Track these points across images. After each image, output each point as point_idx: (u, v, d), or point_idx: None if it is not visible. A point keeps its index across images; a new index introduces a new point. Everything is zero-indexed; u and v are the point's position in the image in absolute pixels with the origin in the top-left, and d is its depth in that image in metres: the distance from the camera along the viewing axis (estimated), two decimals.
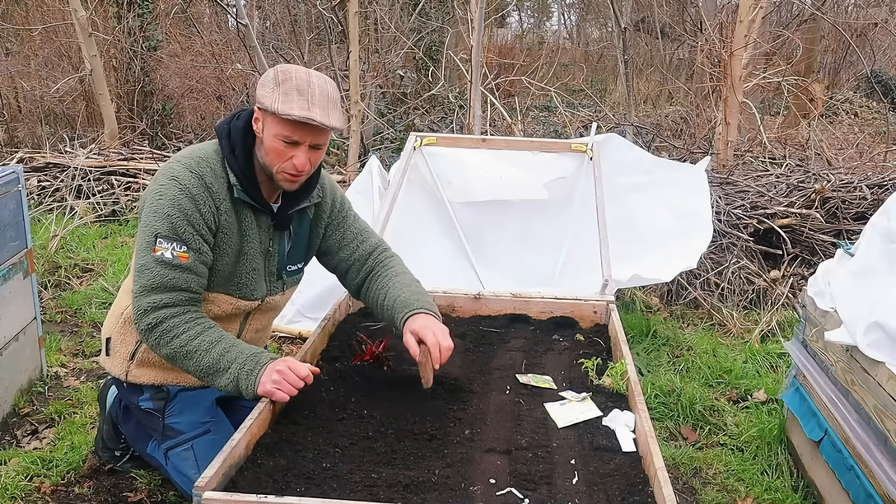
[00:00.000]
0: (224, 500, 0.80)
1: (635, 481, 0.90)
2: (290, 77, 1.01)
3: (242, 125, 1.07)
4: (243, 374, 1.01)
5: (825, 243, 2.58)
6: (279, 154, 1.03)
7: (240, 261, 1.10)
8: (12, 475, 1.35)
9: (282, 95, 1.00)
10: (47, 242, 2.62)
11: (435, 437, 0.99)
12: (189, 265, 1.02)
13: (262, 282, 1.15)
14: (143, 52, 4.55)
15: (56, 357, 1.89)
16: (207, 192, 1.04)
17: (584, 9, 10.17)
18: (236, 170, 1.06)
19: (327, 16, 4.13)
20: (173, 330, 1.02)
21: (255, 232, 1.11)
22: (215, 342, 1.03)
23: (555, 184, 2.13)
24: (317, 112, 1.00)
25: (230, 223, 1.07)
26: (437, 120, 4.72)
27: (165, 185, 1.03)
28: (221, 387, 1.04)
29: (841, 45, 5.84)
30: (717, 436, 1.63)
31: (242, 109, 1.11)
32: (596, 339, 1.34)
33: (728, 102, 3.30)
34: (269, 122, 1.03)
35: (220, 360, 1.02)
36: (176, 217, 1.01)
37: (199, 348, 1.02)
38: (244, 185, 1.06)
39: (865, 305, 1.17)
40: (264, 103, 1.01)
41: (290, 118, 0.99)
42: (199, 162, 1.05)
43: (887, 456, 1.07)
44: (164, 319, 1.02)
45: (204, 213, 1.03)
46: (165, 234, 1.01)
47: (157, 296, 1.01)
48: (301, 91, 1.00)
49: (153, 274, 1.01)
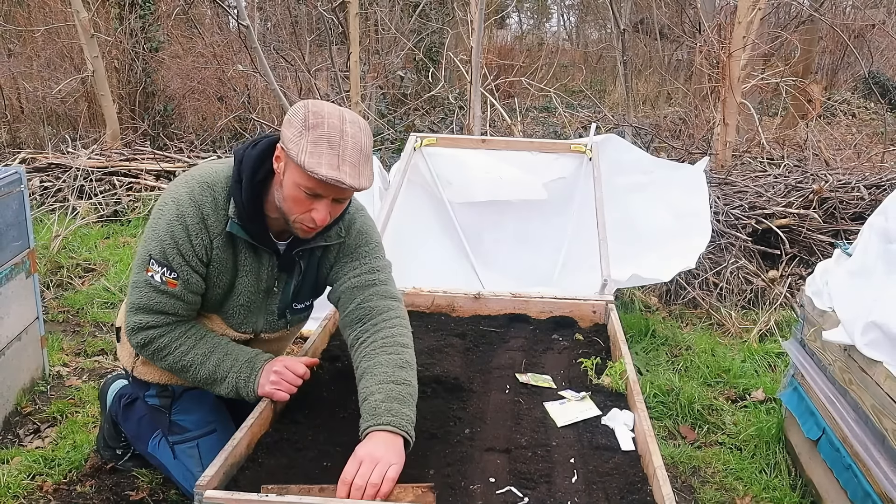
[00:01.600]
0: (225, 499, 0.81)
1: (634, 480, 0.91)
2: (322, 122, 0.90)
3: (256, 154, 0.99)
4: (241, 383, 1.02)
5: (823, 243, 2.58)
6: (298, 203, 0.94)
7: (230, 297, 1.05)
8: (15, 474, 1.36)
9: (310, 145, 0.89)
10: (49, 242, 2.63)
11: (435, 436, 0.99)
12: (176, 292, 1.01)
13: (259, 318, 1.10)
14: (144, 53, 4.55)
15: (58, 356, 1.90)
16: (202, 224, 0.99)
17: (583, 10, 10.19)
18: (238, 202, 0.98)
19: (328, 17, 4.13)
20: (165, 348, 1.02)
21: (254, 269, 1.04)
22: (209, 354, 1.03)
23: (554, 184, 2.13)
24: (346, 172, 0.89)
25: (223, 258, 1.01)
26: (437, 121, 4.72)
27: (167, 206, 1.00)
28: (221, 394, 1.05)
29: (839, 47, 5.86)
30: (716, 435, 1.64)
31: (264, 136, 1.02)
32: (595, 339, 1.35)
33: (726, 103, 3.31)
34: (291, 168, 0.92)
35: (217, 371, 1.02)
36: (167, 244, 0.99)
37: (194, 362, 1.02)
38: (243, 220, 0.99)
39: (863, 305, 1.17)
40: (289, 148, 0.90)
41: (316, 175, 0.88)
42: (203, 189, 0.99)
43: (885, 455, 1.07)
44: (153, 339, 1.02)
45: (195, 244, 0.99)
46: (157, 258, 1.00)
47: (143, 316, 1.01)
48: (332, 143, 0.89)
49: (141, 294, 1.02)
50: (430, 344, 1.29)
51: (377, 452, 0.86)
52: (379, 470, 0.84)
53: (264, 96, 4.59)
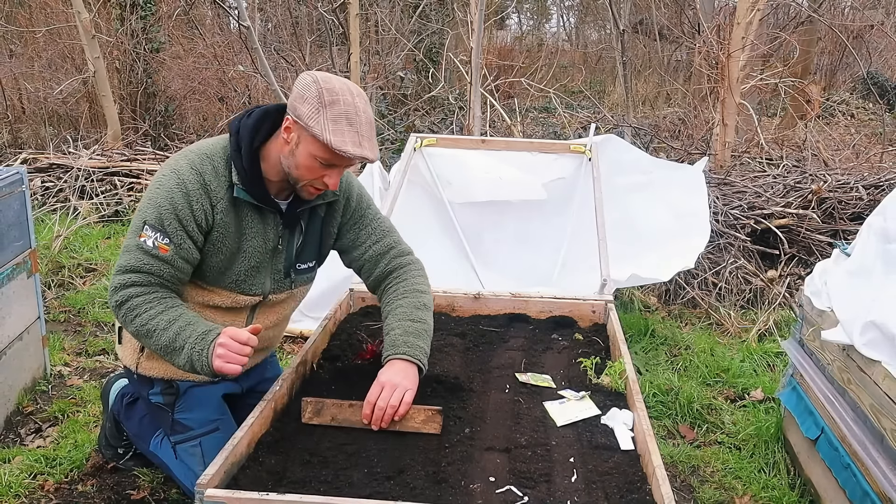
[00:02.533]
0: (226, 498, 0.81)
1: (633, 479, 0.91)
2: (338, 100, 0.97)
3: (252, 124, 1.06)
4: (195, 355, 1.00)
5: (822, 243, 2.59)
6: (312, 171, 1.02)
7: (237, 258, 1.09)
8: (16, 473, 1.36)
9: (331, 123, 0.97)
10: (51, 242, 2.64)
11: (435, 436, 1.00)
12: (167, 257, 1.03)
13: (266, 279, 1.13)
14: (145, 54, 4.56)
15: (59, 356, 1.90)
16: (204, 189, 1.03)
17: (582, 11, 10.21)
18: (239, 168, 1.05)
19: (328, 18, 4.14)
20: (136, 308, 1.02)
21: (260, 230, 1.09)
22: (173, 321, 1.02)
23: (554, 184, 2.14)
24: (367, 147, 0.99)
25: (226, 222, 1.06)
26: (437, 121, 4.73)
27: (166, 177, 1.04)
28: (180, 366, 1.02)
29: (837, 47, 5.87)
30: (715, 434, 1.64)
31: (256, 107, 1.10)
32: (594, 339, 1.35)
33: (725, 104, 3.32)
34: (308, 141, 1.00)
35: (176, 339, 1.01)
36: (165, 209, 1.02)
37: (158, 327, 1.01)
38: (245, 184, 1.05)
39: (862, 305, 1.18)
40: (309, 125, 0.97)
41: (343, 152, 0.97)
42: (202, 159, 1.05)
43: (883, 454, 1.08)
44: (129, 297, 1.02)
45: (195, 210, 1.02)
46: (152, 223, 1.02)
47: (128, 275, 1.02)
48: (351, 120, 0.98)
49: (131, 256, 1.03)
50: (431, 343, 1.29)
51: (396, 379, 1.02)
52: (398, 394, 1.00)
53: (265, 97, 4.60)
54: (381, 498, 0.84)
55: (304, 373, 1.17)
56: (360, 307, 1.49)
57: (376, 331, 1.33)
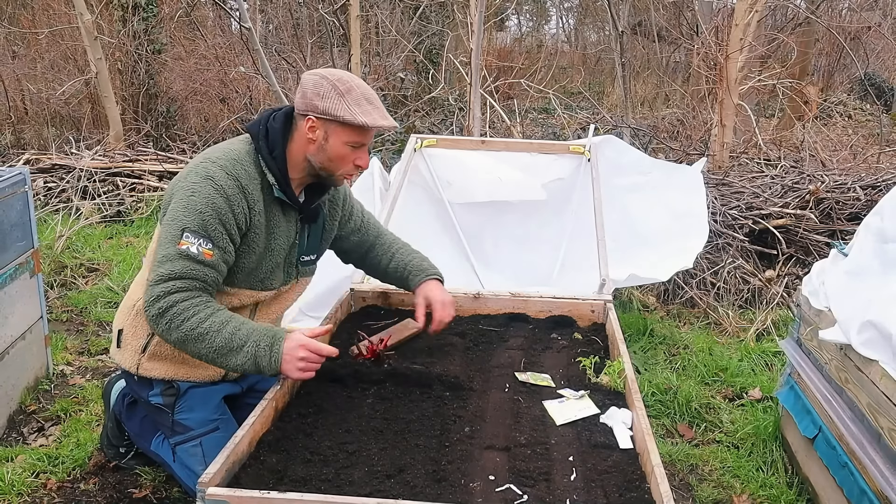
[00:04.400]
0: (227, 496, 0.81)
1: (632, 478, 0.91)
2: (352, 87, 1.07)
3: (279, 126, 1.10)
4: (261, 351, 1.02)
5: (819, 243, 2.60)
6: (345, 158, 1.10)
7: (266, 257, 1.13)
8: (19, 472, 1.37)
9: (355, 106, 1.06)
10: (53, 242, 2.64)
11: (435, 434, 1.00)
12: (212, 262, 1.05)
13: (281, 272, 1.18)
14: (147, 55, 4.58)
15: (62, 355, 1.91)
16: (242, 194, 1.06)
17: (581, 12, 10.23)
18: (275, 171, 1.09)
19: (329, 19, 4.16)
20: (183, 313, 1.02)
21: (284, 227, 1.15)
22: (226, 322, 1.03)
23: (553, 185, 2.14)
24: (390, 119, 1.09)
25: (261, 223, 1.10)
26: (437, 122, 4.75)
27: (199, 184, 1.05)
28: (237, 365, 1.03)
29: (835, 49, 5.89)
30: (713, 433, 1.65)
31: (275, 110, 1.14)
32: (594, 338, 1.36)
33: (724, 105, 3.33)
34: (338, 131, 1.07)
35: (233, 338, 1.02)
36: (208, 215, 1.03)
37: (211, 329, 1.02)
38: (282, 185, 1.10)
39: (859, 304, 1.18)
40: (336, 115, 1.05)
41: (377, 127, 1.07)
42: (234, 164, 1.08)
43: (881, 453, 1.08)
44: (174, 304, 1.02)
45: (237, 213, 1.06)
46: (194, 229, 1.03)
47: (171, 283, 1.02)
48: (369, 99, 1.08)
49: (173, 265, 1.03)
50: (430, 343, 1.30)
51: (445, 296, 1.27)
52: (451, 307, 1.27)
53: (266, 98, 4.61)
54: (381, 496, 0.84)
55: None
56: (360, 307, 1.50)
57: (376, 330, 1.34)
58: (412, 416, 1.05)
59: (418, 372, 1.16)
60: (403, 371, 1.16)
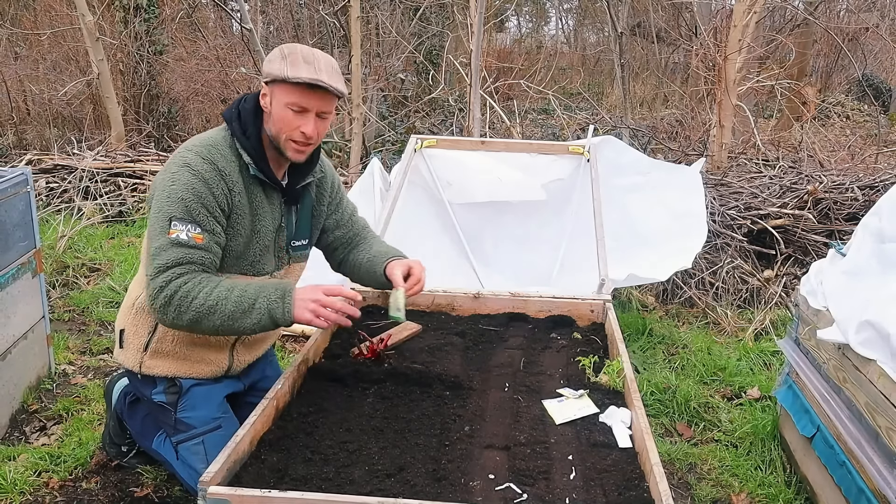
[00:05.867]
0: (228, 495, 0.82)
1: (631, 477, 0.92)
2: (296, 50, 1.07)
3: (251, 107, 1.11)
4: (273, 304, 1.04)
5: (817, 243, 2.61)
6: (288, 122, 1.07)
7: (252, 239, 1.13)
8: (21, 471, 1.37)
9: (290, 65, 1.05)
10: (55, 243, 2.65)
11: (435, 434, 1.01)
12: (204, 245, 1.05)
13: (272, 257, 1.18)
14: (149, 56, 4.59)
15: (64, 355, 1.91)
16: (220, 175, 1.07)
17: (581, 14, 10.25)
18: (249, 149, 1.10)
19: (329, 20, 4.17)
20: (189, 294, 1.02)
21: (268, 209, 1.14)
22: (231, 288, 1.04)
23: (553, 185, 2.15)
24: (324, 76, 1.05)
25: (243, 204, 1.10)
26: (437, 122, 4.76)
27: (178, 172, 1.06)
28: (254, 324, 1.04)
29: (833, 50, 5.91)
30: (712, 432, 1.65)
31: (247, 94, 1.16)
32: (593, 338, 1.36)
33: (722, 105, 3.34)
34: (277, 92, 1.07)
35: (242, 300, 1.03)
36: (190, 200, 1.04)
37: (220, 298, 1.03)
38: (258, 163, 1.10)
39: (857, 304, 1.19)
40: (273, 73, 1.06)
41: (299, 80, 1.04)
42: (209, 149, 1.09)
43: (878, 452, 1.08)
44: (178, 288, 1.02)
45: (217, 195, 1.06)
46: (180, 216, 1.04)
47: (170, 271, 1.03)
48: (307, 60, 1.06)
49: (168, 254, 1.03)
50: (430, 342, 1.30)
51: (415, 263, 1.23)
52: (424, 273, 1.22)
53: None
54: (381, 495, 0.85)
55: (305, 371, 1.18)
56: (359, 307, 1.50)
57: (376, 330, 1.35)
58: (412, 416, 1.05)
59: (418, 371, 1.16)
60: (403, 370, 1.17)
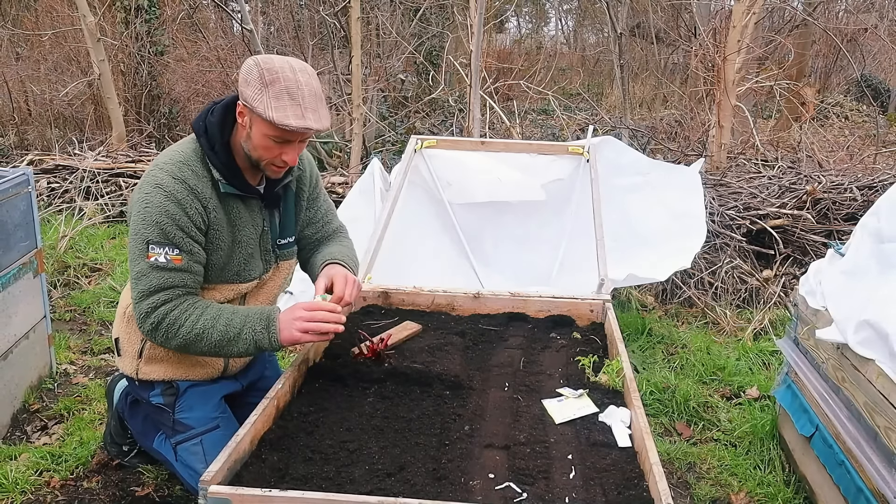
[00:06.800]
0: (229, 494, 0.82)
1: (631, 476, 0.92)
2: (277, 78, 1.00)
3: (217, 120, 1.08)
4: (259, 335, 1.05)
5: (816, 243, 2.61)
6: (269, 150, 1.05)
7: (235, 250, 1.13)
8: (22, 470, 1.38)
9: (273, 101, 0.99)
10: (56, 243, 2.66)
11: (435, 433, 1.01)
12: (183, 266, 1.05)
13: (259, 261, 1.18)
14: (150, 57, 4.60)
15: (65, 354, 1.92)
16: (192, 194, 1.06)
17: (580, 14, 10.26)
18: (219, 165, 1.08)
19: (330, 21, 4.17)
20: (176, 322, 1.04)
21: (248, 218, 1.14)
22: (217, 317, 1.05)
23: (552, 185, 2.15)
24: (311, 118, 1.01)
25: (219, 218, 1.09)
26: (437, 123, 4.76)
27: (151, 194, 1.05)
28: (242, 352, 1.06)
29: (832, 50, 5.92)
30: (711, 432, 1.66)
31: (214, 103, 1.12)
32: (592, 337, 1.36)
33: (721, 106, 3.34)
34: (258, 122, 1.03)
35: (228, 329, 1.05)
36: (165, 223, 1.04)
37: (205, 328, 1.04)
38: (228, 178, 1.09)
39: (856, 304, 1.19)
40: (255, 107, 1.00)
41: (287, 128, 1.00)
42: (180, 167, 1.07)
43: (877, 451, 1.09)
44: (164, 315, 1.04)
45: (192, 215, 1.05)
46: (157, 240, 1.04)
47: (155, 296, 1.04)
48: (292, 94, 1.00)
49: (150, 279, 1.04)
50: (431, 342, 1.30)
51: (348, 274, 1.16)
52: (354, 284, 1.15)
53: None
54: (382, 494, 0.85)
55: (305, 371, 1.19)
56: (360, 307, 1.51)
57: (377, 330, 1.35)
58: (412, 415, 1.05)
59: (418, 371, 1.16)
60: (404, 370, 1.17)
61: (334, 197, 3.32)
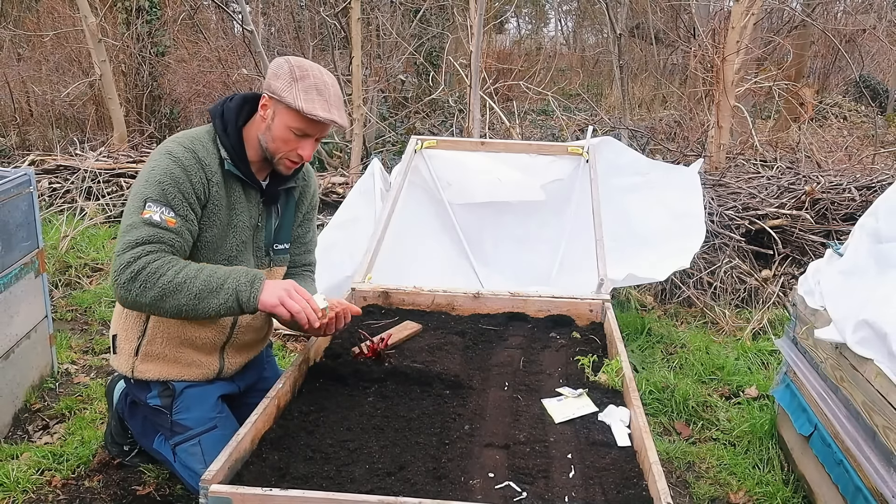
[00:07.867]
0: (230, 493, 0.82)
1: (630, 475, 0.92)
2: (308, 75, 1.08)
3: (235, 106, 1.14)
4: (242, 286, 1.03)
5: (815, 243, 2.62)
6: (287, 143, 1.10)
7: (229, 233, 1.14)
8: (24, 469, 1.38)
9: (303, 93, 1.06)
10: (58, 243, 2.66)
11: (435, 432, 1.01)
12: (176, 229, 1.05)
13: (250, 255, 1.19)
14: (151, 58, 4.61)
15: (66, 354, 1.92)
16: (199, 164, 1.08)
17: (580, 15, 10.27)
18: (227, 146, 1.12)
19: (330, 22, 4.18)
20: (157, 271, 1.01)
21: (245, 206, 1.16)
22: (201, 269, 1.05)
23: (552, 185, 2.16)
24: (336, 114, 1.08)
25: (220, 196, 1.11)
26: (437, 123, 4.77)
27: (158, 159, 1.08)
28: (219, 306, 1.03)
29: (830, 51, 5.93)
30: (710, 431, 1.66)
31: (235, 94, 1.18)
32: (592, 337, 1.37)
33: (720, 106, 3.35)
34: (283, 113, 1.08)
35: (211, 279, 1.03)
36: (167, 184, 1.05)
37: (188, 277, 1.02)
38: (234, 160, 1.12)
39: (854, 304, 1.20)
40: (283, 97, 1.06)
41: (315, 118, 1.06)
42: (191, 140, 1.11)
43: (875, 450, 1.09)
44: (146, 265, 1.01)
45: (194, 182, 1.07)
46: (155, 198, 1.04)
47: (139, 248, 1.02)
48: (320, 91, 1.07)
49: (139, 231, 1.03)
50: (431, 342, 1.31)
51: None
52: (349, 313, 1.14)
53: None
54: (382, 493, 0.85)
55: (306, 370, 1.19)
56: (361, 307, 1.51)
57: (377, 329, 1.35)
58: (412, 415, 1.06)
59: (418, 370, 1.17)
60: (404, 370, 1.17)
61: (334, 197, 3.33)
